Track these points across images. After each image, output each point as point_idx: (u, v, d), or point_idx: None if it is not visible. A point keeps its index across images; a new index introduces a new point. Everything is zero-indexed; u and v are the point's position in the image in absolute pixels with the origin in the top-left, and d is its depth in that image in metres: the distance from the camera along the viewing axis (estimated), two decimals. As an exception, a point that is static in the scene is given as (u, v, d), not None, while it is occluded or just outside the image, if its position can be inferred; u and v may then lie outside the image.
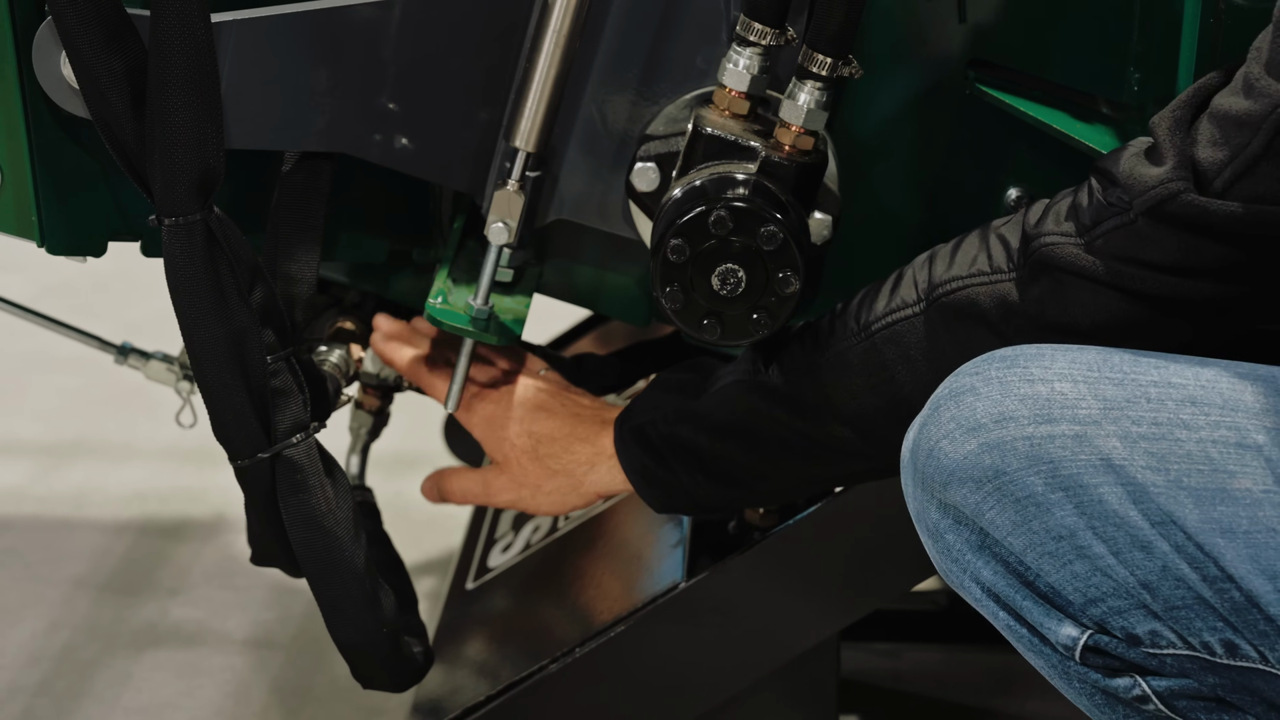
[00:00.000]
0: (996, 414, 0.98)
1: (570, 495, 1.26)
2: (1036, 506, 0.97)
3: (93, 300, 2.62)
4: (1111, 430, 0.96)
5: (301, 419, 1.16)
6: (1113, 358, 1.00)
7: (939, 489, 1.00)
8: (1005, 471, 0.97)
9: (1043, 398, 0.98)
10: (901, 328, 1.12)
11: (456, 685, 1.41)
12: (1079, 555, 0.96)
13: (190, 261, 1.10)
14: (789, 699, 1.37)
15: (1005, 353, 1.01)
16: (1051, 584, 0.97)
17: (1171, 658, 0.96)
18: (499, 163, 1.19)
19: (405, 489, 2.07)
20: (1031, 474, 0.97)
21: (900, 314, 1.13)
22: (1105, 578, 0.96)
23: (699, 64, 1.18)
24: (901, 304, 1.13)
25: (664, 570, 1.36)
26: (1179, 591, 0.95)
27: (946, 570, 1.03)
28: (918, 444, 1.01)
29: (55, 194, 1.20)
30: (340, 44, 1.15)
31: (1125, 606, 0.96)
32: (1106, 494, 0.96)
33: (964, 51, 1.22)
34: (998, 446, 0.97)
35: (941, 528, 1.01)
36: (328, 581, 1.18)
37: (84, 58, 1.07)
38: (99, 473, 2.16)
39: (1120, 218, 1.04)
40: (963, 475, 0.98)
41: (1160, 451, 0.96)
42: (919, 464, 1.01)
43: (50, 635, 1.79)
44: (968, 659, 1.71)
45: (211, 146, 1.09)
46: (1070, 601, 0.97)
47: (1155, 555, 0.95)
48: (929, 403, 1.02)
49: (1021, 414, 0.97)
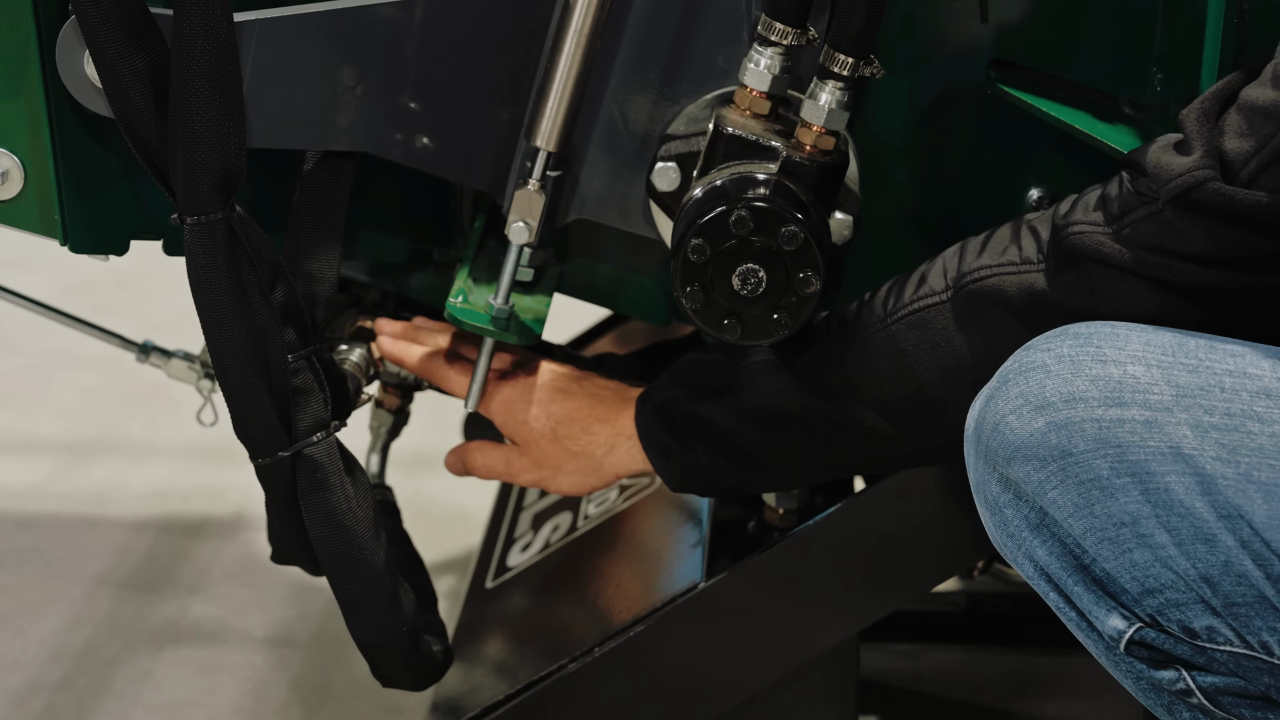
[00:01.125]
0: (1066, 393, 0.97)
1: (590, 476, 1.27)
2: (1101, 490, 0.96)
3: (114, 298, 2.63)
4: (1183, 418, 0.95)
5: (322, 418, 1.16)
6: (1189, 342, 0.99)
7: (1002, 463, 0.99)
8: (1071, 452, 0.96)
9: (1114, 380, 0.97)
10: (927, 314, 1.12)
11: (475, 684, 1.41)
12: (1140, 543, 0.95)
13: (212, 260, 1.10)
14: (808, 699, 1.37)
15: (1079, 329, 1.00)
16: (1108, 570, 0.96)
17: (1226, 654, 0.95)
18: (520, 162, 1.19)
19: (425, 488, 2.07)
20: (1098, 457, 0.96)
21: (926, 301, 1.13)
22: (1165, 569, 0.95)
23: (720, 64, 1.18)
24: (930, 291, 1.13)
25: (683, 570, 1.36)
26: (1241, 588, 0.94)
27: (1002, 544, 1.02)
28: (984, 416, 1.01)
29: (78, 192, 1.20)
30: (362, 43, 1.15)
31: (1184, 600, 0.95)
32: (1174, 483, 0.95)
33: (986, 51, 1.21)
34: (1065, 426, 0.97)
35: (1001, 502, 1.01)
36: (348, 580, 1.18)
37: (107, 57, 1.08)
38: (120, 471, 2.17)
39: (1148, 207, 1.04)
40: (1027, 452, 0.98)
41: (1231, 443, 0.95)
42: (983, 436, 1.00)
43: (71, 632, 1.79)
44: (988, 660, 1.71)
45: (233, 145, 1.09)
46: (1126, 589, 0.96)
47: (1219, 549, 0.94)
48: (997, 375, 1.02)
49: (1092, 395, 0.97)
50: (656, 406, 1.23)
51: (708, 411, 1.20)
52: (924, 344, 1.12)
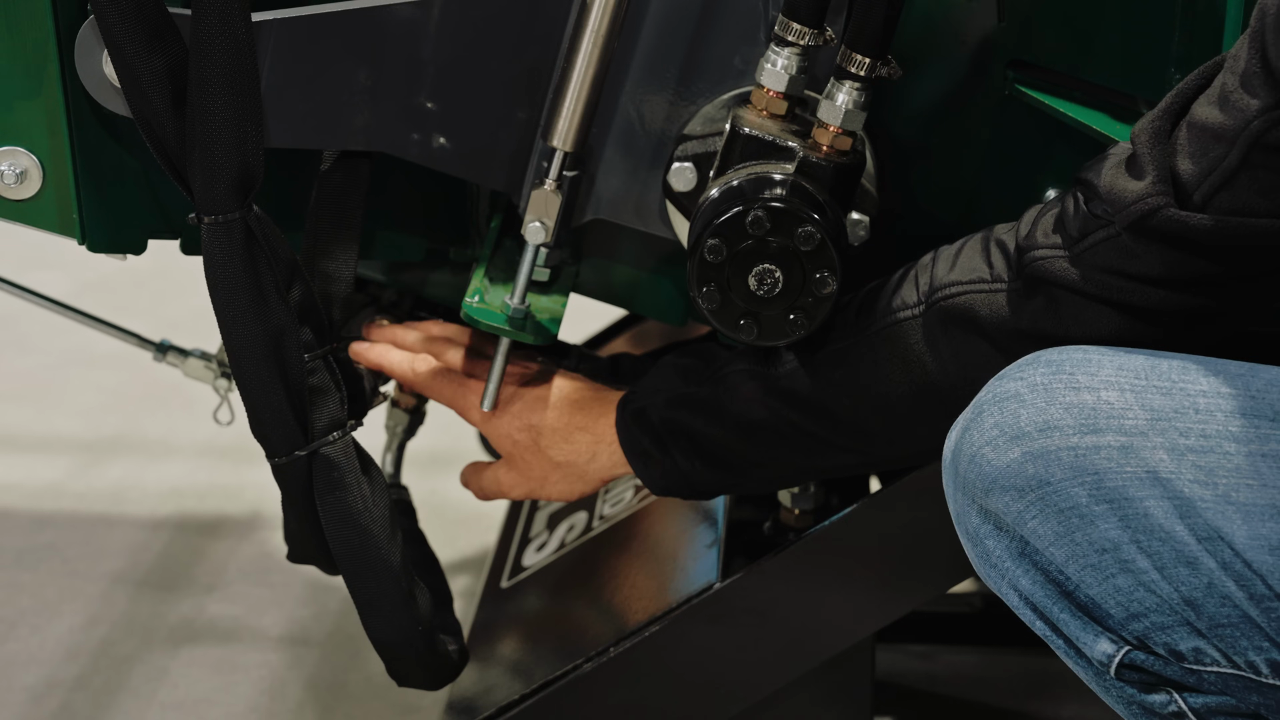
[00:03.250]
0: (1041, 422, 0.97)
1: (576, 483, 1.27)
2: (1080, 518, 0.95)
3: (131, 297, 2.64)
4: (1159, 442, 0.95)
5: (338, 417, 1.16)
6: (1161, 364, 0.98)
7: (980, 495, 0.99)
8: (1049, 481, 0.96)
9: (1089, 406, 0.96)
10: (900, 330, 1.12)
11: (491, 683, 1.41)
12: (1122, 569, 0.95)
13: (229, 259, 1.10)
14: (824, 700, 1.37)
15: (1051, 355, 1.00)
16: (1092, 596, 0.96)
17: (1214, 675, 0.95)
18: (536, 162, 1.20)
19: (441, 487, 2.07)
20: (1076, 485, 0.95)
21: (899, 315, 1.13)
22: (1149, 593, 0.95)
23: (737, 64, 1.18)
24: (902, 304, 1.13)
25: (699, 570, 1.36)
26: (1225, 609, 0.93)
27: (985, 574, 1.02)
28: (960, 448, 1.00)
29: (96, 192, 1.21)
30: (379, 43, 1.16)
31: (1169, 623, 0.95)
32: (1152, 507, 0.94)
33: (1003, 52, 1.21)
34: (1042, 456, 0.96)
35: (981, 533, 1.00)
36: (363, 579, 1.18)
37: (126, 56, 1.08)
38: (137, 469, 2.17)
39: (1105, 230, 1.04)
40: (1005, 483, 0.97)
41: (1208, 465, 0.94)
42: (960, 468, 1.00)
43: (88, 630, 1.80)
44: (1003, 661, 1.70)
45: (251, 145, 1.09)
46: (1111, 615, 0.96)
47: (1201, 571, 0.94)
48: (972, 405, 1.01)
49: (1067, 423, 0.96)
50: (635, 412, 1.22)
51: (686, 419, 1.20)
52: (895, 359, 1.12)
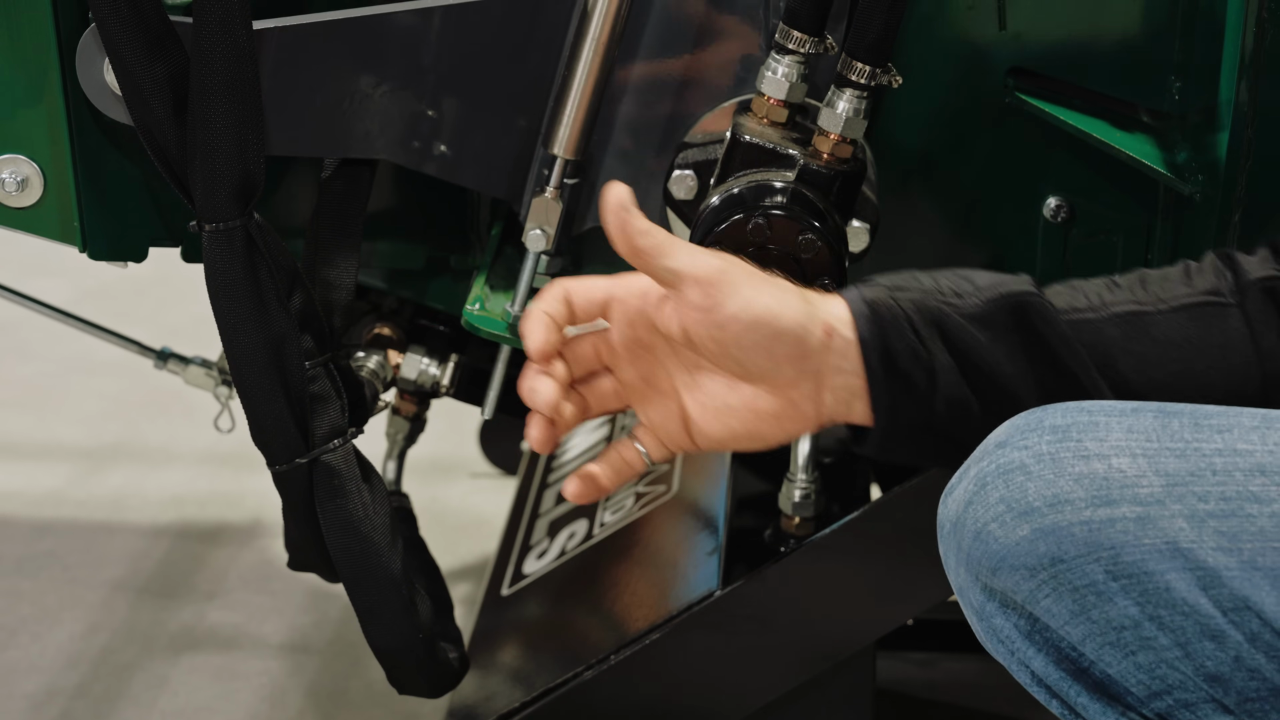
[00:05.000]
0: (1050, 496, 0.91)
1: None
2: (1097, 596, 0.90)
3: (132, 305, 2.64)
4: (1176, 510, 0.89)
5: (339, 424, 1.16)
6: (1172, 423, 0.92)
7: (986, 575, 0.93)
8: (1062, 559, 0.90)
9: (1100, 476, 0.90)
10: (1216, 311, 1.01)
11: (491, 691, 1.41)
12: (1143, 646, 0.90)
13: (230, 267, 1.10)
14: (825, 708, 1.37)
15: (1054, 420, 0.93)
16: (1111, 674, 0.91)
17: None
18: (537, 170, 1.20)
19: (442, 494, 2.08)
20: (1091, 562, 0.90)
21: (1213, 299, 1.02)
22: (1172, 670, 0.89)
23: (738, 71, 1.18)
24: (1212, 290, 1.02)
25: (699, 578, 1.36)
26: (1253, 683, 0.88)
27: (994, 650, 0.97)
28: (961, 522, 0.94)
29: (97, 199, 1.21)
30: (380, 51, 1.16)
31: (1194, 700, 0.90)
32: (1174, 581, 0.89)
33: (1004, 60, 1.21)
34: (1053, 532, 0.90)
35: (988, 610, 0.95)
36: (364, 586, 1.18)
37: (127, 64, 1.08)
38: (138, 477, 2.17)
39: None
40: (1015, 562, 0.91)
41: (1231, 530, 0.88)
42: (964, 545, 0.94)
43: (88, 638, 1.80)
44: (1003, 669, 1.70)
45: (252, 153, 1.09)
46: (1131, 693, 0.91)
47: (1228, 645, 0.88)
48: (973, 477, 0.95)
49: (1078, 496, 0.90)
50: (877, 301, 1.02)
51: (961, 328, 1.01)
52: (1210, 342, 1.00)
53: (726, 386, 1.03)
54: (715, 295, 1.00)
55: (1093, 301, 1.02)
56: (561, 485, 1.14)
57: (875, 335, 1.00)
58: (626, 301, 1.04)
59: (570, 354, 1.06)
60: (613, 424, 1.79)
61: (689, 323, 1.01)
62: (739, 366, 1.02)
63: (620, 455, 1.07)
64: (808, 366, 1.01)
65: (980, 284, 1.02)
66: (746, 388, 1.02)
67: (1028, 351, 1.01)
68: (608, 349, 1.06)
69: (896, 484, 1.31)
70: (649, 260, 1.01)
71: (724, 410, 1.03)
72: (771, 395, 1.02)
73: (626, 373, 1.06)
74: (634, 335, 1.04)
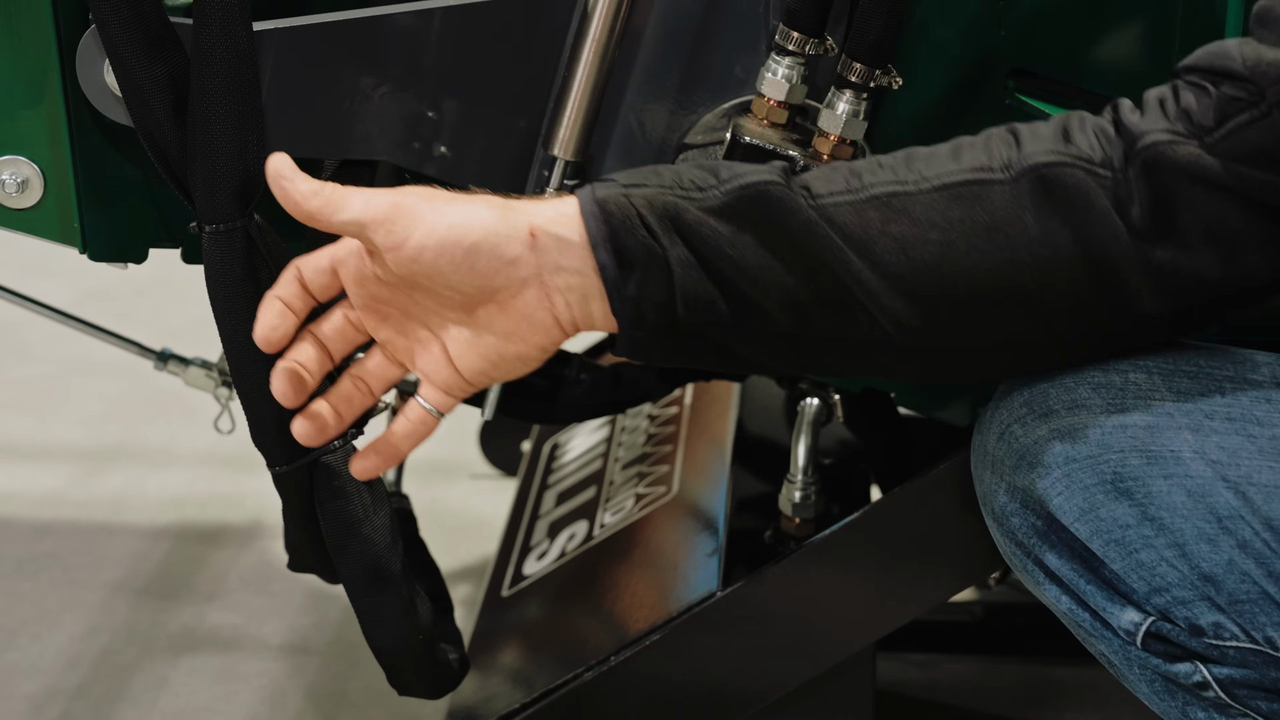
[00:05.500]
0: (1069, 400, 0.98)
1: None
2: (1105, 494, 0.97)
3: (133, 306, 2.64)
4: (1184, 422, 0.96)
5: (339, 425, 1.16)
6: (1189, 349, 0.99)
7: (1008, 472, 1.00)
8: (1075, 459, 0.97)
9: (1116, 386, 0.97)
10: (982, 190, 0.96)
11: (491, 692, 1.41)
12: (1145, 545, 0.96)
13: (230, 268, 1.10)
14: (825, 709, 1.37)
15: None
16: (1116, 571, 0.97)
17: (1234, 650, 0.96)
18: (538, 171, 1.20)
19: (442, 495, 2.08)
20: (1100, 463, 0.97)
21: (982, 175, 0.96)
22: (1170, 568, 0.96)
23: (737, 73, 1.18)
24: (982, 167, 0.97)
25: (699, 579, 1.36)
26: (1244, 585, 0.95)
27: (1009, 553, 1.03)
28: (988, 425, 1.01)
29: (97, 201, 1.21)
30: (381, 52, 1.16)
31: (1189, 598, 0.96)
32: (1174, 486, 0.96)
33: (1004, 60, 1.21)
34: (1069, 433, 0.97)
35: (1008, 511, 1.01)
36: (364, 587, 1.18)
37: (127, 66, 1.08)
38: (138, 478, 2.17)
39: (1250, 113, 0.91)
40: (1032, 459, 0.98)
41: (1231, 446, 0.96)
42: (989, 446, 1.01)
43: (88, 639, 1.80)
44: (1004, 670, 1.70)
45: (252, 154, 1.09)
46: (1134, 589, 0.97)
47: (1221, 549, 0.95)
48: (1002, 386, 1.01)
49: (1094, 402, 0.97)
50: (606, 199, 0.98)
51: (690, 213, 0.96)
52: (973, 222, 0.95)
53: (465, 316, 0.99)
54: (397, 231, 0.96)
55: (851, 184, 0.97)
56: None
57: (605, 233, 0.96)
58: (348, 263, 1.01)
59: (325, 336, 1.03)
60: (613, 424, 1.79)
61: (391, 265, 0.98)
62: (456, 294, 0.98)
63: (408, 419, 1.05)
64: (517, 273, 0.97)
65: (723, 176, 0.98)
66: (480, 312, 0.99)
67: (769, 242, 0.96)
68: (357, 317, 1.03)
69: (897, 485, 1.31)
70: (326, 219, 0.97)
71: (473, 341, 1.00)
72: (502, 313, 0.99)
73: (382, 333, 1.03)
74: (368, 294, 1.01)
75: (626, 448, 1.72)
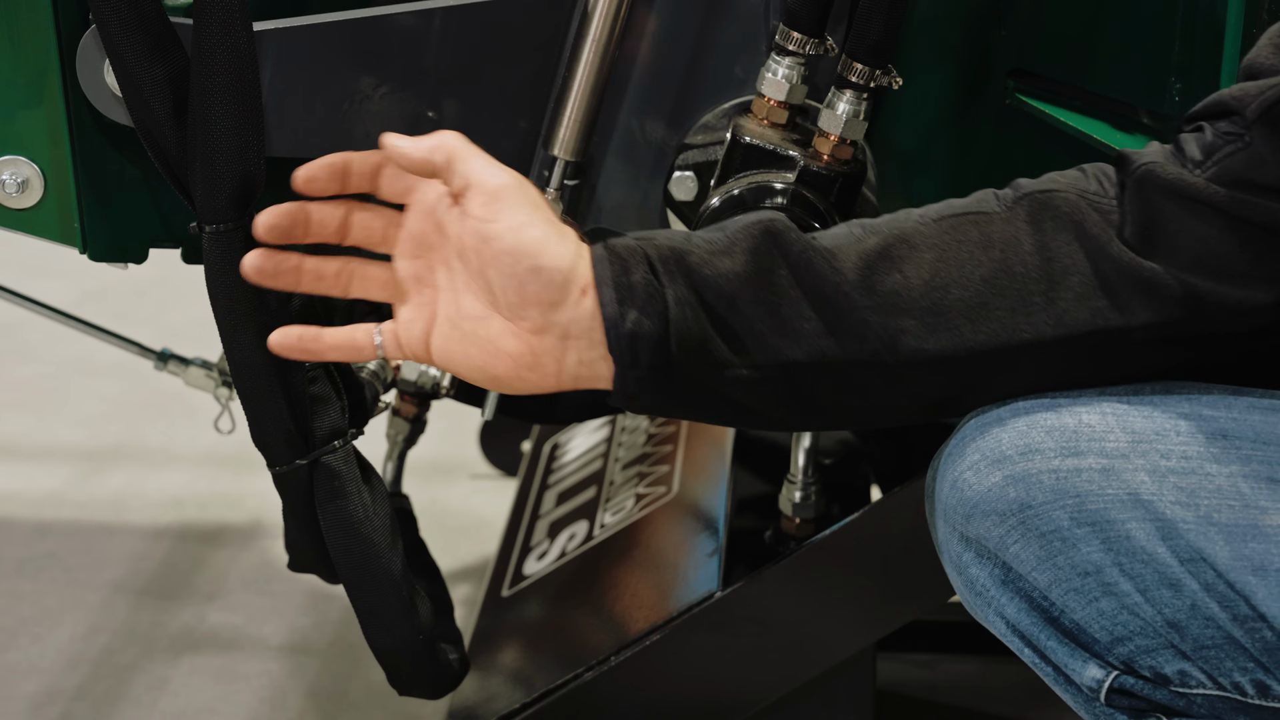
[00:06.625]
0: (1022, 446, 0.95)
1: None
2: (1062, 541, 0.94)
3: (133, 306, 2.64)
4: (1140, 464, 0.94)
5: (339, 426, 1.16)
6: (1144, 389, 0.97)
7: (961, 522, 0.97)
8: (1030, 505, 0.95)
9: (1070, 429, 0.95)
10: (979, 218, 0.99)
11: (491, 692, 1.41)
12: (1105, 592, 0.94)
13: (230, 268, 1.10)
14: (825, 709, 1.37)
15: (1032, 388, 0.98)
16: (1077, 621, 0.95)
17: (1201, 698, 0.94)
18: (538, 171, 1.20)
19: (442, 495, 2.08)
20: (1057, 508, 0.94)
21: (982, 208, 0.99)
22: (1132, 616, 0.94)
23: (738, 73, 1.18)
24: (978, 209, 0.99)
25: (700, 579, 1.36)
26: (1209, 631, 0.93)
27: (971, 604, 1.01)
28: (941, 474, 0.99)
29: (97, 201, 1.21)
30: (381, 52, 1.16)
31: (1153, 645, 0.94)
32: (1134, 530, 0.93)
33: (1004, 61, 1.21)
34: (1023, 479, 0.95)
35: (965, 561, 0.99)
36: (364, 587, 1.18)
37: (127, 66, 1.08)
38: (138, 478, 2.17)
39: (1234, 144, 0.94)
40: (986, 508, 0.96)
41: (1190, 486, 0.93)
42: (943, 495, 0.98)
43: (89, 639, 1.80)
44: (1004, 670, 1.70)
45: (253, 154, 1.09)
46: (1096, 639, 0.95)
47: (1184, 593, 0.93)
48: (954, 434, 0.99)
49: (1048, 446, 0.95)
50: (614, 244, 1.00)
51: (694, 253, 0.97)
52: (972, 242, 0.97)
53: (481, 313, 1.00)
54: (494, 208, 0.98)
55: (851, 230, 0.99)
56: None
57: (610, 273, 0.97)
58: (426, 195, 1.02)
59: (355, 216, 1.04)
60: (613, 424, 1.79)
61: (465, 230, 0.99)
62: (490, 293, 0.99)
63: (351, 336, 1.05)
64: (555, 318, 0.98)
65: (729, 227, 1.00)
66: (497, 321, 1.00)
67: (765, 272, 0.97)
68: (395, 233, 1.04)
69: (897, 485, 1.31)
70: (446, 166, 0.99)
71: (470, 336, 1.01)
72: (517, 338, 1.00)
73: (403, 265, 1.04)
74: (423, 230, 1.03)
75: (627, 448, 1.72)
